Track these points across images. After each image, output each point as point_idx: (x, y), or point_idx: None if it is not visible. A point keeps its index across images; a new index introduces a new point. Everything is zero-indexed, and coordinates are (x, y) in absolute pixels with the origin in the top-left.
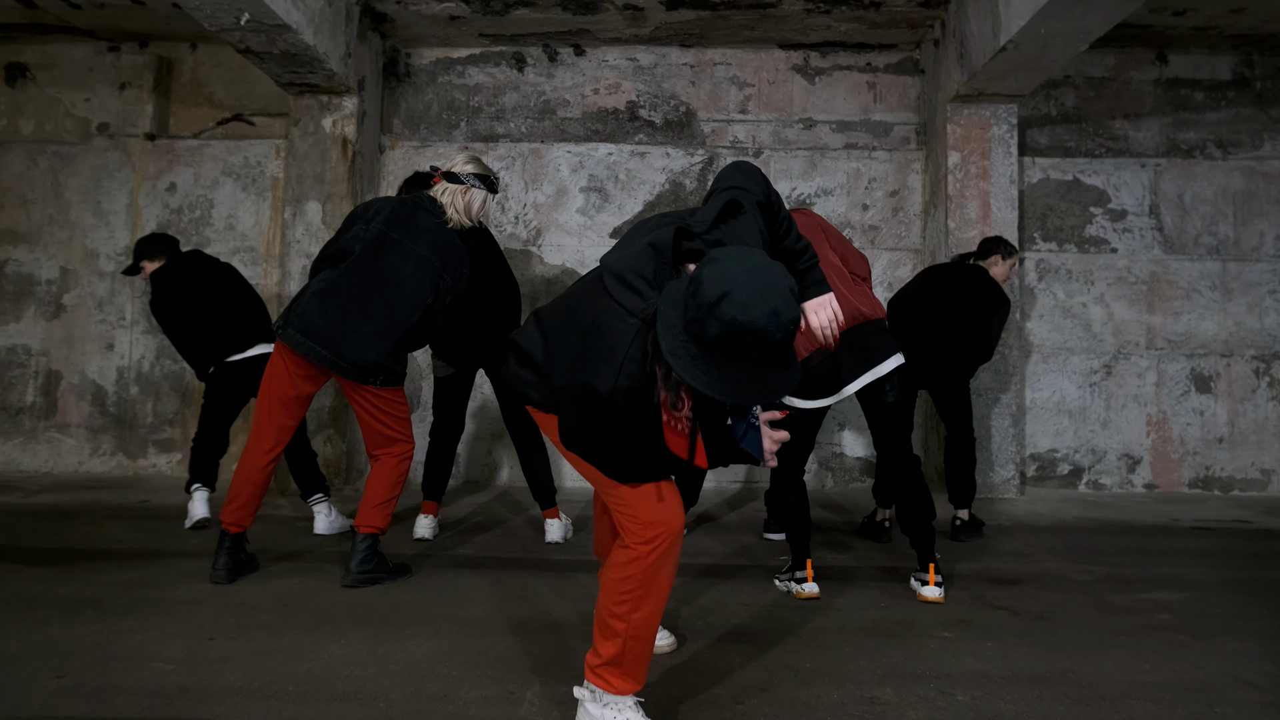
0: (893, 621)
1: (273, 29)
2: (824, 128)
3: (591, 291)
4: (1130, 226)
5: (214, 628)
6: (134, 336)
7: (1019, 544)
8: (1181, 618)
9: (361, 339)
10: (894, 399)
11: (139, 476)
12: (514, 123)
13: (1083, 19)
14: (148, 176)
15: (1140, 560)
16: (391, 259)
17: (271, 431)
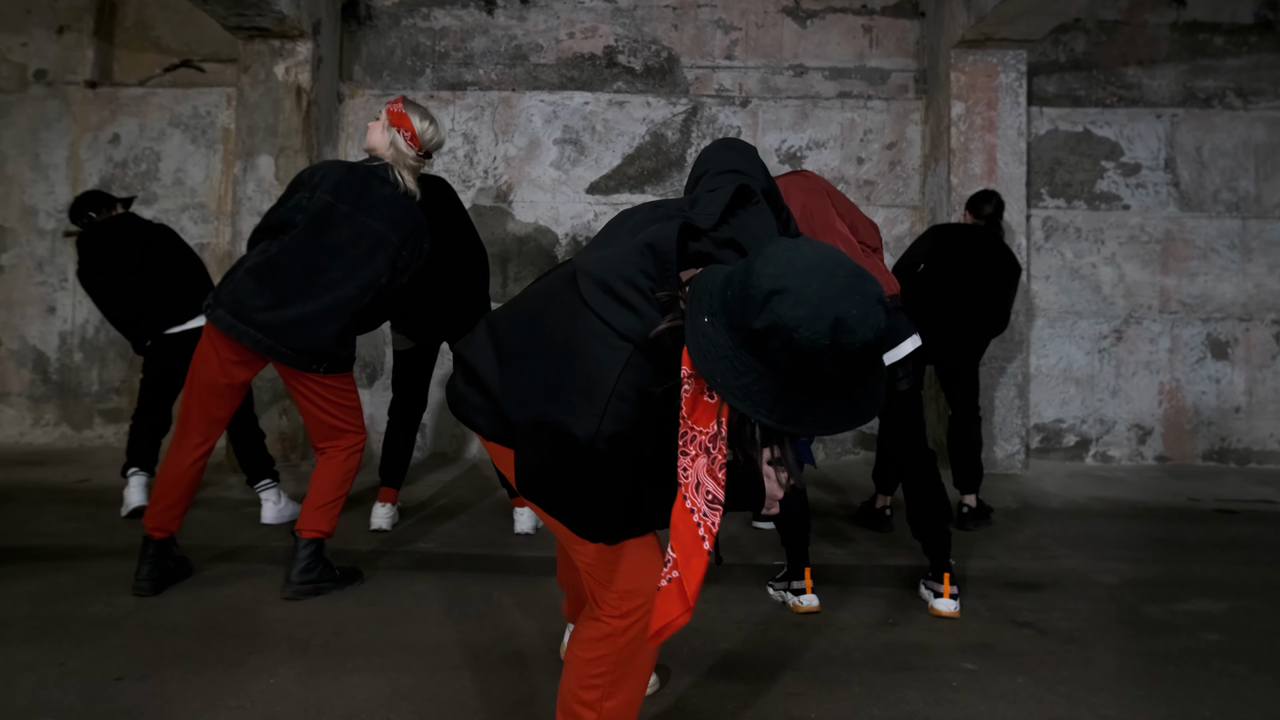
0: (905, 646)
1: None
2: (816, 75)
3: (562, 299)
4: (1144, 181)
5: (124, 661)
6: (77, 299)
7: (1031, 533)
8: (1230, 637)
9: (302, 322)
10: (908, 386)
11: (84, 449)
12: (483, 69)
13: None
14: (89, 127)
15: (1166, 555)
16: (340, 233)
17: (200, 425)
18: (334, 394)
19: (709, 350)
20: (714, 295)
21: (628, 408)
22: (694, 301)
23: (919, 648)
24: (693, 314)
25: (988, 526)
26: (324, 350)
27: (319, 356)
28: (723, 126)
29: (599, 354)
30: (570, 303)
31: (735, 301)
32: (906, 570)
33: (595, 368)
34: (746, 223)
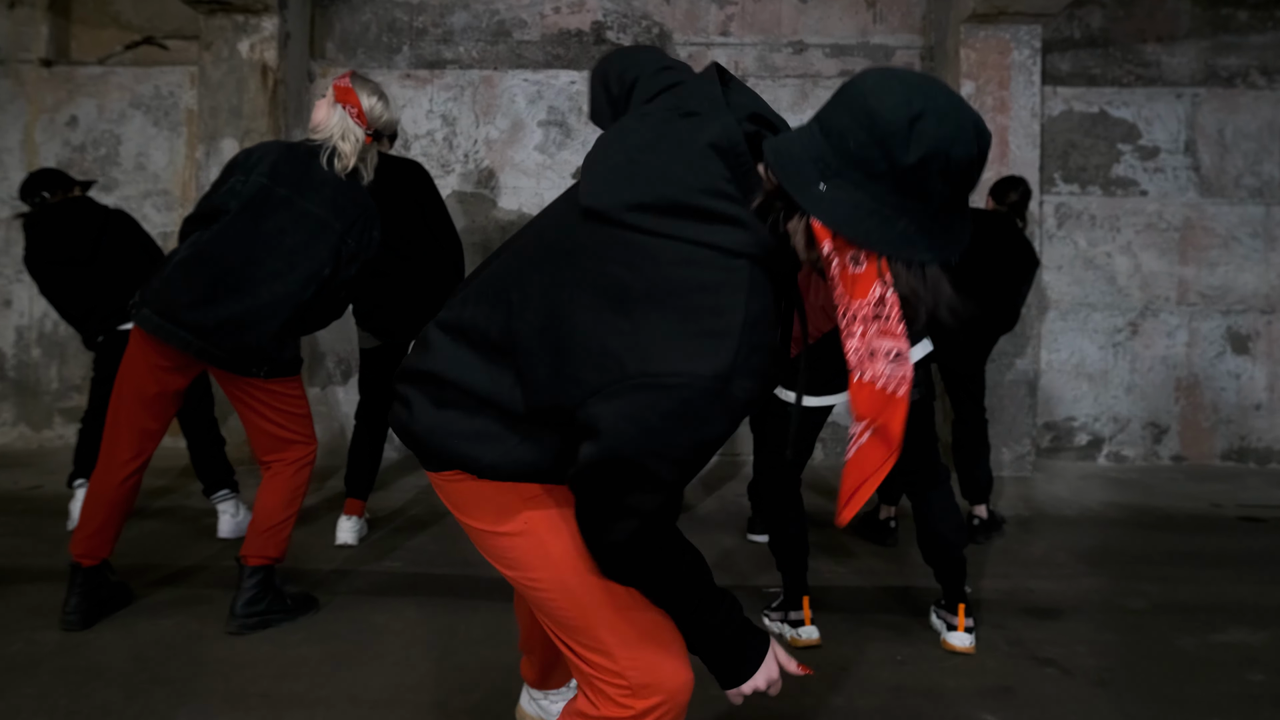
0: (916, 691)
1: None
2: (816, 52)
3: (587, 252)
4: (1162, 165)
5: (35, 715)
6: (34, 292)
7: (1047, 546)
8: (1277, 678)
9: (237, 320)
10: (919, 395)
11: (43, 450)
12: (463, 47)
13: None
14: (45, 109)
15: (1194, 574)
16: (277, 220)
17: (130, 438)
18: (278, 400)
19: (849, 214)
20: (819, 159)
21: (760, 335)
22: (792, 179)
23: (931, 692)
24: (801, 190)
25: (1000, 539)
26: (262, 351)
27: (257, 358)
28: None
29: (708, 280)
30: (610, 251)
31: (866, 148)
32: (915, 592)
33: (710, 297)
34: (747, 96)
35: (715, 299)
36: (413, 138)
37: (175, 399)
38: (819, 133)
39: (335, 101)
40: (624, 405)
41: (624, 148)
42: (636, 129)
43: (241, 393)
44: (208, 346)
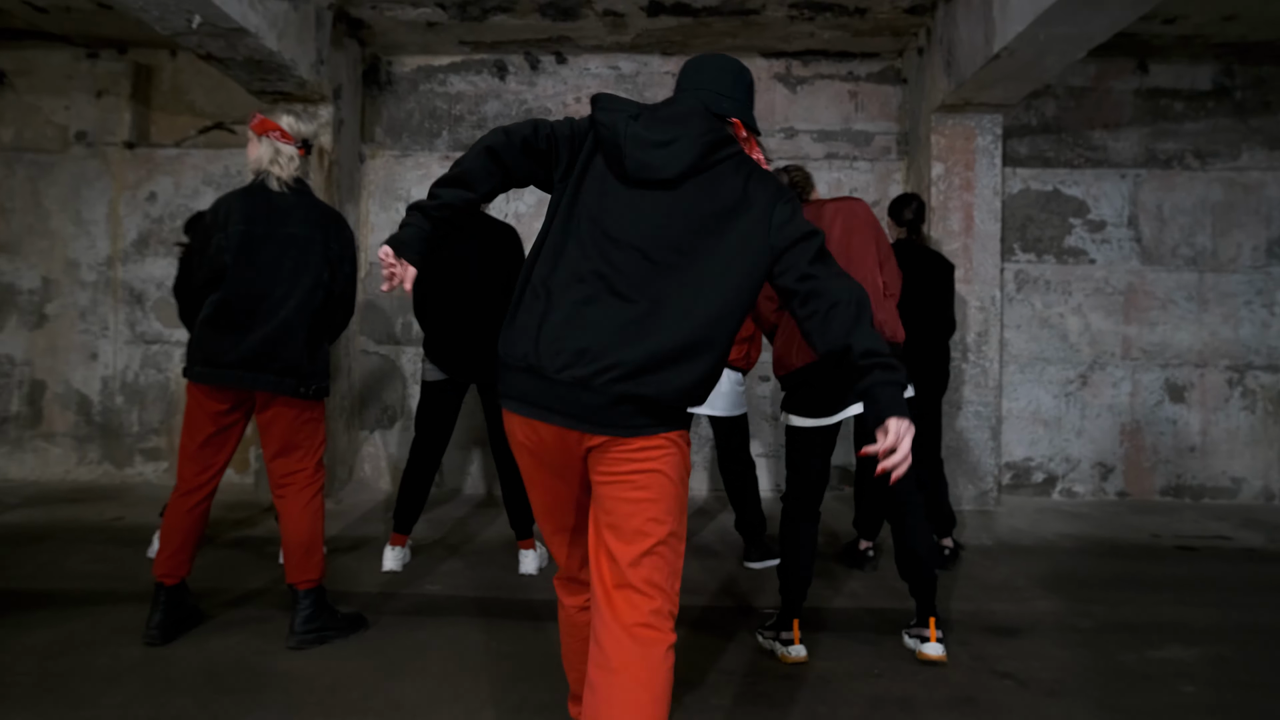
0: (891, 700)
1: (230, 33)
2: (805, 137)
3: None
4: (1109, 237)
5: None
6: (117, 346)
7: (1007, 573)
8: (1205, 689)
9: (271, 340)
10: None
11: (125, 485)
12: None
13: (1087, 24)
14: (127, 185)
15: (1136, 596)
16: (268, 253)
17: (198, 472)
18: (307, 424)
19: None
20: (737, 102)
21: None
22: (747, 116)
23: (904, 702)
24: (749, 120)
25: (963, 565)
26: (299, 365)
27: (297, 373)
28: None
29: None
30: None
31: (745, 85)
32: (891, 614)
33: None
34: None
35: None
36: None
37: (233, 435)
38: (714, 93)
39: (258, 135)
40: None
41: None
42: (647, 124)
43: (276, 414)
44: (257, 374)
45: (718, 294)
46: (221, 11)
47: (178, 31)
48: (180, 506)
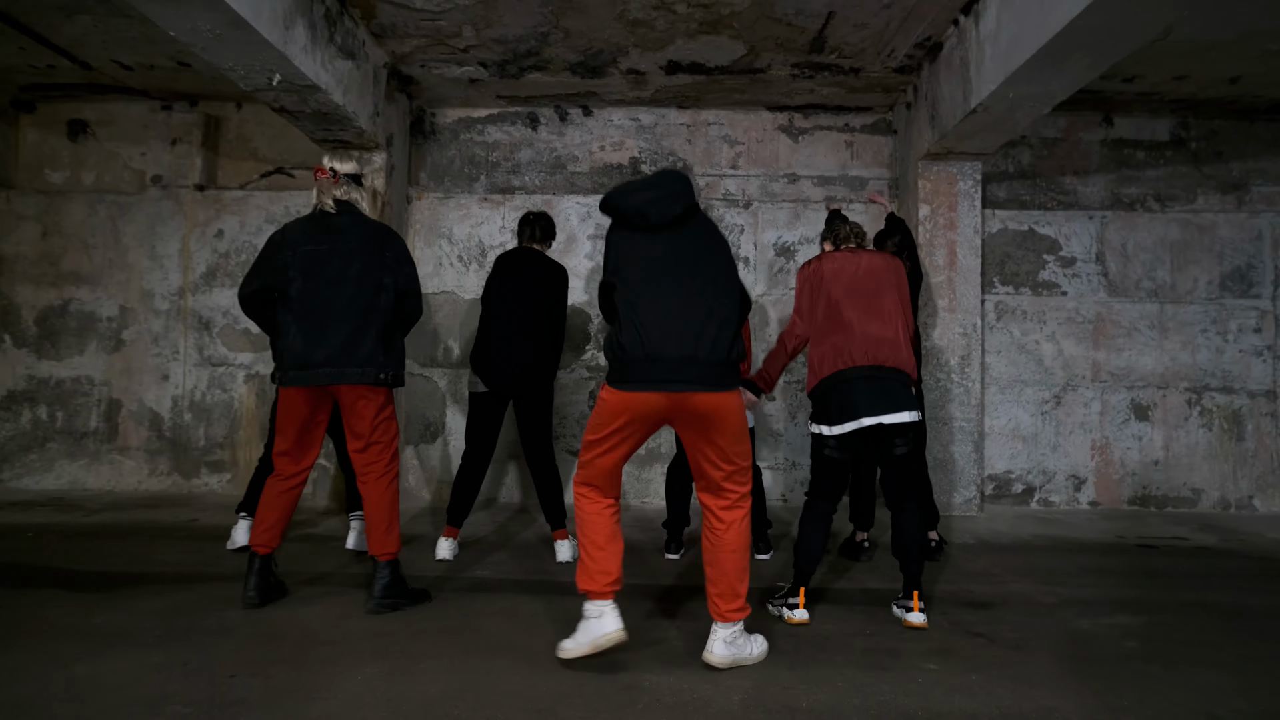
0: (881, 651)
1: (303, 89)
2: (806, 182)
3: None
4: (1079, 272)
5: (236, 662)
6: (187, 368)
7: (986, 564)
8: (1147, 645)
9: (349, 338)
10: (903, 451)
11: (192, 495)
12: (528, 176)
13: (1049, 83)
14: (197, 224)
15: (1097, 580)
16: (333, 267)
17: (294, 466)
18: (385, 421)
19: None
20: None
21: None
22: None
23: (890, 652)
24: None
25: (946, 558)
26: (376, 356)
27: (378, 364)
28: (729, 225)
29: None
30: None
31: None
32: (882, 592)
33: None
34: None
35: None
36: (488, 247)
37: (319, 432)
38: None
39: (315, 180)
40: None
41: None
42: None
43: (360, 410)
44: (342, 369)
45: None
46: (299, 71)
47: (258, 88)
48: (277, 489)
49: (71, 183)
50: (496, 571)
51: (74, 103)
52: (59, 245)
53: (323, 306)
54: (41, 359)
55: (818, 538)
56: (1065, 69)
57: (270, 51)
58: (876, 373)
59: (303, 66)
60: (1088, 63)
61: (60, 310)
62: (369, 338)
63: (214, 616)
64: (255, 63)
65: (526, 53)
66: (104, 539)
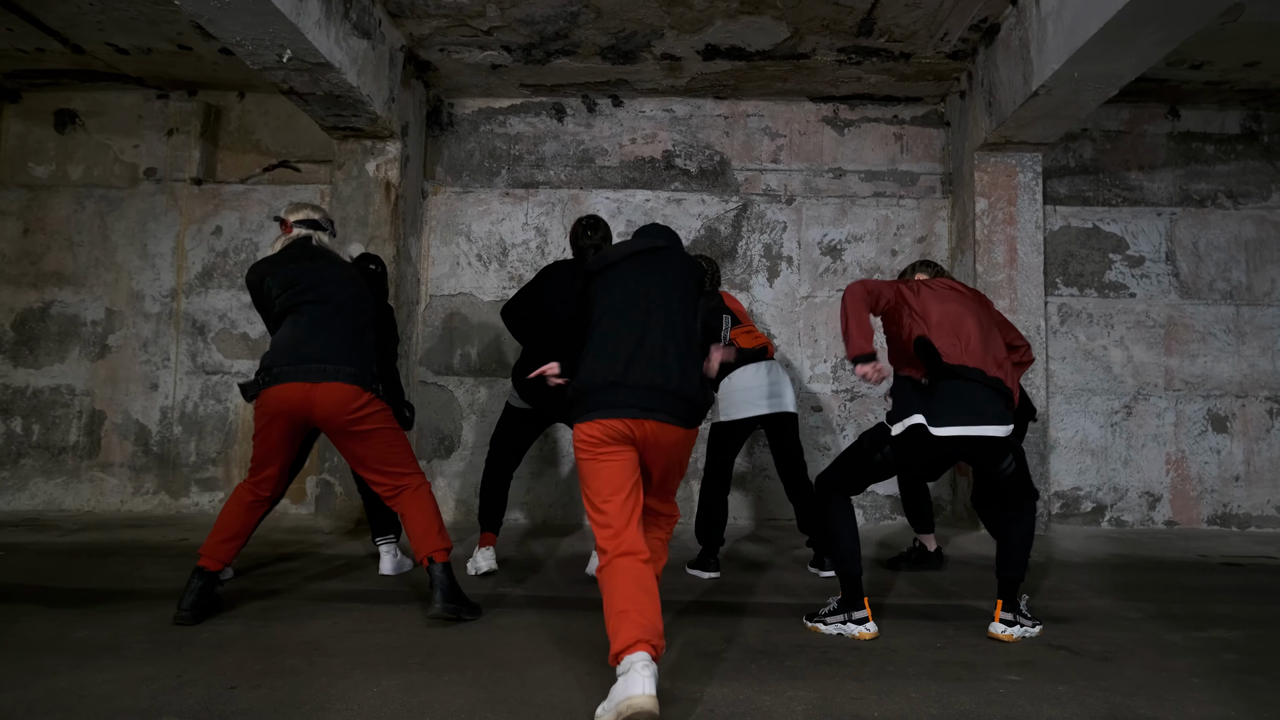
0: (954, 664)
1: (315, 68)
2: (853, 177)
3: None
4: (1148, 272)
5: (237, 674)
6: (178, 377)
7: (1059, 580)
8: (1247, 658)
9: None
10: (1011, 470)
11: (181, 515)
12: (553, 170)
13: (1116, 62)
14: (194, 220)
15: (1182, 596)
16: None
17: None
18: (389, 432)
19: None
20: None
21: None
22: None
23: (966, 665)
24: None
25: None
26: (362, 368)
27: (364, 377)
28: (770, 222)
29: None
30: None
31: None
32: (950, 609)
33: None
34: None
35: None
36: (510, 245)
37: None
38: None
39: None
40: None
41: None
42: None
43: (359, 427)
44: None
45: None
46: (312, 46)
47: (267, 65)
48: (242, 499)
49: (57, 176)
50: (528, 587)
51: (63, 91)
52: (41, 243)
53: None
54: (18, 366)
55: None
56: (1134, 45)
57: (282, 23)
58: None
59: (316, 42)
60: (1159, 37)
61: (40, 313)
62: (364, 343)
63: (209, 630)
64: (265, 36)
65: (554, 35)
66: (84, 558)
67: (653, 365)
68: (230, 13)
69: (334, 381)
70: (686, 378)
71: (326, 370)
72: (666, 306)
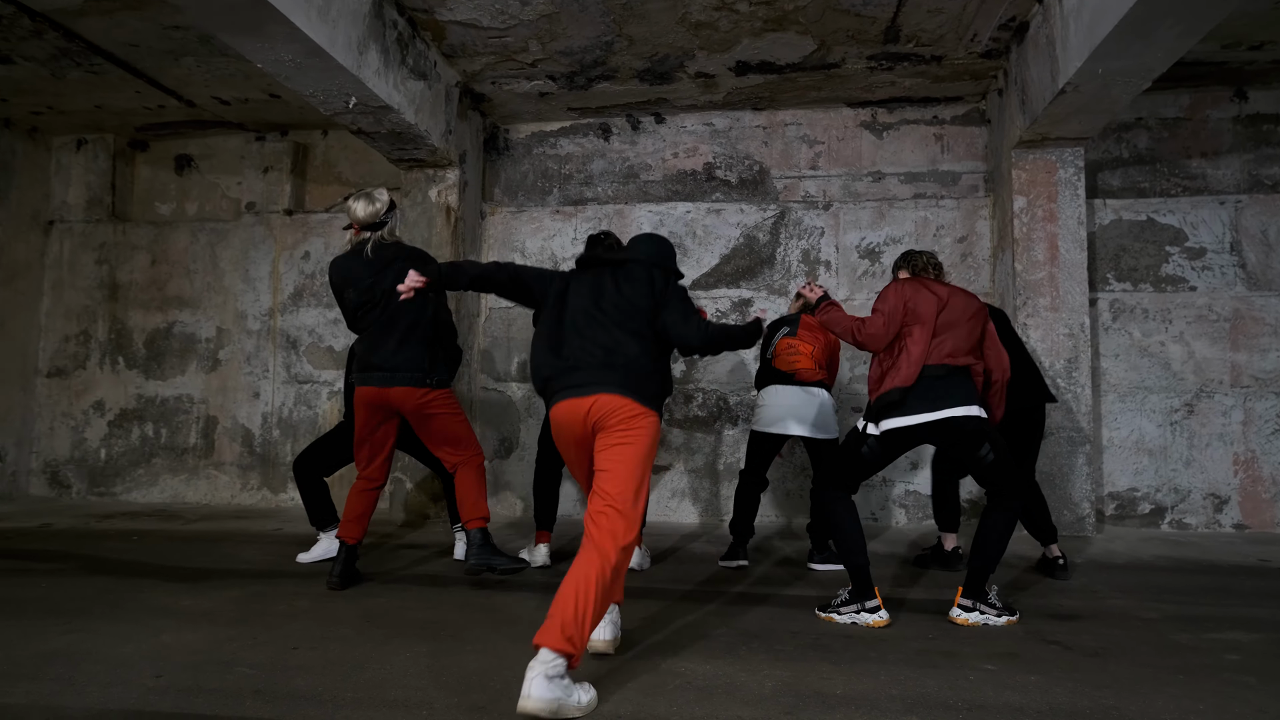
0: (936, 653)
1: (377, 110)
2: (892, 179)
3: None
4: (1210, 264)
5: (301, 638)
6: (275, 386)
7: (1087, 580)
8: (1251, 659)
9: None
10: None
11: (279, 508)
12: (601, 187)
13: (1142, 56)
14: (286, 247)
15: (1217, 599)
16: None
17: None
18: (449, 408)
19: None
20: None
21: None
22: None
23: (947, 654)
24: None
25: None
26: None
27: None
28: (808, 228)
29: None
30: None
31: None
32: (931, 604)
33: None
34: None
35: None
36: (560, 259)
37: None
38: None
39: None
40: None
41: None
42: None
43: (423, 411)
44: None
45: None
46: (373, 93)
47: (336, 111)
48: (359, 487)
49: (177, 213)
50: (553, 576)
51: (180, 139)
52: (165, 272)
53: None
54: (149, 379)
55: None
56: (1155, 39)
57: (346, 76)
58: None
59: (376, 89)
60: (1179, 30)
61: (165, 333)
62: (415, 350)
63: (285, 603)
64: (333, 87)
65: (593, 63)
66: (197, 543)
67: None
68: (302, 70)
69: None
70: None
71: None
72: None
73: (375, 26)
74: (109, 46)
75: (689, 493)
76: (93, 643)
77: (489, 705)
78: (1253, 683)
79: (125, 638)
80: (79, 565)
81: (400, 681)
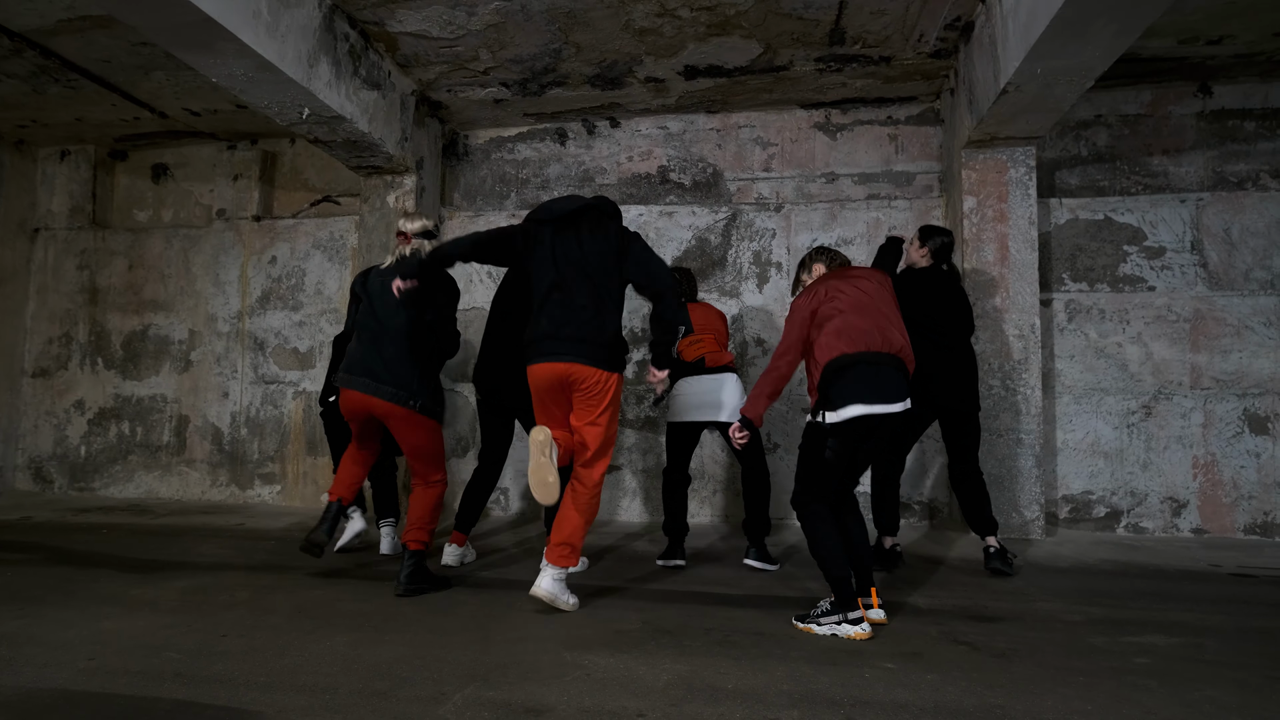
0: (842, 650)
1: (331, 120)
2: (846, 181)
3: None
4: (1169, 264)
5: (231, 628)
6: (244, 386)
7: (1022, 584)
8: (1161, 662)
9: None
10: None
11: (246, 504)
12: (557, 191)
13: (1080, 54)
14: (254, 251)
15: (1150, 604)
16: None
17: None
18: (427, 431)
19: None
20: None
21: None
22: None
23: (852, 653)
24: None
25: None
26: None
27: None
28: (759, 230)
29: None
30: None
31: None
32: (915, 607)
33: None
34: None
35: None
36: None
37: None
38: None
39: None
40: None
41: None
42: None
43: (402, 424)
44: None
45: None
46: (324, 104)
47: (293, 122)
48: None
49: (153, 220)
50: (495, 575)
51: (157, 149)
52: (141, 276)
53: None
54: (126, 379)
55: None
56: (1091, 38)
57: (297, 89)
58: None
59: (328, 100)
60: (1115, 29)
61: (141, 335)
62: (410, 365)
63: (225, 595)
64: (286, 99)
65: (544, 70)
66: (161, 536)
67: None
68: (255, 84)
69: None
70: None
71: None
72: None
73: (326, 40)
74: (84, 63)
75: (639, 492)
76: (39, 628)
77: (390, 691)
78: (1153, 686)
79: (69, 624)
80: (45, 556)
81: (313, 668)
